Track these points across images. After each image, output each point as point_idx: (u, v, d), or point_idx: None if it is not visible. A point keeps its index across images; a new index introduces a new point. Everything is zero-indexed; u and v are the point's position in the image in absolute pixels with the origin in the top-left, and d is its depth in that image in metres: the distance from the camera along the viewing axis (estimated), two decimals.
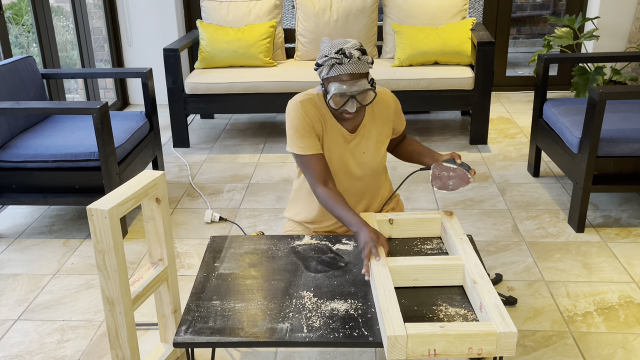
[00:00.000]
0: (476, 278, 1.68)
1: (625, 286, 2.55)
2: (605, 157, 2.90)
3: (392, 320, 1.50)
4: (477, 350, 1.48)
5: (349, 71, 1.88)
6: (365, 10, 4.29)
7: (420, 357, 1.48)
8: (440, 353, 1.48)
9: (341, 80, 1.89)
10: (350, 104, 1.90)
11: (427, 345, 1.47)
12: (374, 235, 1.81)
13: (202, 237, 3.05)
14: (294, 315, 1.64)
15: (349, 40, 1.92)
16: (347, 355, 2.17)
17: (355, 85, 1.88)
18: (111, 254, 1.73)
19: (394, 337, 1.45)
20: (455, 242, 1.86)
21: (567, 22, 4.63)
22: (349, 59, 1.87)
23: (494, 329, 1.48)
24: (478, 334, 1.47)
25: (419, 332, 1.46)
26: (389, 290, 1.62)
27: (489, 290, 1.63)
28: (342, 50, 1.88)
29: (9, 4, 4.45)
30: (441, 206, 3.29)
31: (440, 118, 4.81)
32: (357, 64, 1.88)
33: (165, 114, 5.02)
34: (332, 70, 1.90)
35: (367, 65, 1.91)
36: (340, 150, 2.07)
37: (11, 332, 2.37)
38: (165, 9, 5.04)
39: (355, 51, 1.88)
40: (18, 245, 3.03)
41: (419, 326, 1.48)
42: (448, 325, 1.48)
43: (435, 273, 1.75)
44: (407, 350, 1.47)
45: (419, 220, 2.02)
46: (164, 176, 1.97)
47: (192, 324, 1.63)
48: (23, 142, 3.03)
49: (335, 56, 1.88)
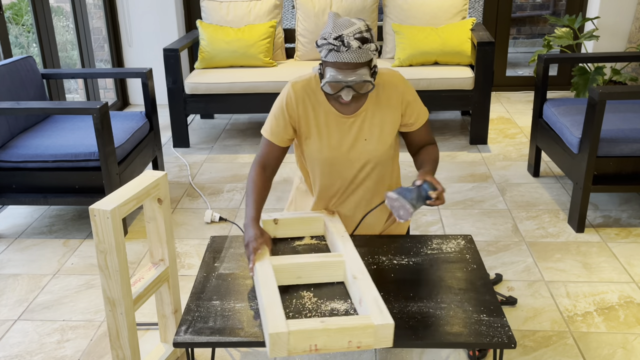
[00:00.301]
0: (356, 273, 1.70)
1: (625, 286, 2.55)
2: (605, 157, 2.90)
3: (274, 318, 1.51)
4: (357, 343, 1.50)
5: (347, 60, 1.75)
6: (365, 10, 4.29)
7: (302, 353, 1.49)
8: (322, 348, 1.50)
9: (338, 68, 1.77)
10: (346, 93, 1.80)
11: (309, 340, 1.49)
12: (257, 234, 1.81)
13: (202, 237, 3.05)
14: (294, 315, 1.64)
15: (353, 23, 1.78)
16: (347, 355, 2.17)
17: (352, 74, 1.77)
18: (113, 254, 1.73)
19: (275, 335, 1.47)
20: (337, 240, 1.87)
21: (567, 22, 4.63)
22: (347, 48, 1.74)
23: (372, 321, 1.50)
24: (357, 327, 1.49)
25: (300, 328, 1.47)
26: (272, 288, 1.64)
27: (368, 284, 1.65)
28: (341, 38, 1.75)
29: (9, 4, 4.44)
30: (441, 206, 3.29)
31: (440, 118, 4.81)
32: (357, 53, 1.75)
33: (165, 114, 5.02)
34: (330, 56, 1.78)
35: (369, 53, 1.78)
36: (338, 136, 1.96)
37: (11, 332, 2.37)
38: (165, 9, 5.04)
39: (354, 41, 1.74)
40: (18, 245, 3.03)
41: (300, 322, 1.50)
42: (328, 320, 1.50)
43: (318, 270, 1.76)
44: (288, 347, 1.48)
45: (303, 219, 2.03)
46: (166, 177, 1.97)
47: (192, 324, 1.63)
48: (23, 142, 3.03)
49: (334, 42, 1.75)
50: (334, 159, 1.99)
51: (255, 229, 1.84)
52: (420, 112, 2.00)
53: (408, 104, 1.97)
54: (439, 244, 1.99)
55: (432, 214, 3.21)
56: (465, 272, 1.83)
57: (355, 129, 1.96)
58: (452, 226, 3.08)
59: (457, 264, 1.88)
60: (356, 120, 1.95)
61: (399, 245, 1.99)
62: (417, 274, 1.83)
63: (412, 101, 1.97)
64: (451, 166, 3.84)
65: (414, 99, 1.98)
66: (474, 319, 1.62)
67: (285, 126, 1.96)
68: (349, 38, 1.75)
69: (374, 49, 1.79)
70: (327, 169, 2.02)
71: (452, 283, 1.78)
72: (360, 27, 1.78)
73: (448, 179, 3.65)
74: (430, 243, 2.00)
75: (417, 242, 2.01)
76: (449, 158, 3.97)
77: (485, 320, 1.61)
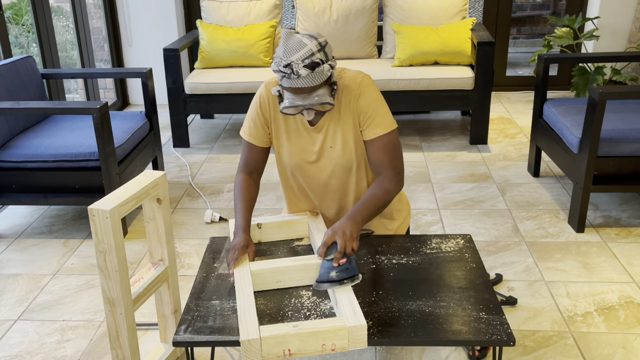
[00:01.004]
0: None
1: (625, 286, 2.55)
2: (605, 157, 2.90)
3: (247, 324, 1.52)
4: (331, 346, 1.51)
5: (298, 85, 1.72)
6: (365, 10, 4.29)
7: (276, 358, 1.50)
8: (295, 352, 1.50)
9: (294, 93, 1.74)
10: (307, 113, 1.78)
11: (282, 346, 1.49)
12: (242, 244, 1.80)
13: (202, 237, 3.05)
14: (293, 315, 1.64)
15: (304, 45, 1.70)
16: (347, 355, 2.17)
17: (309, 97, 1.73)
18: (112, 254, 1.73)
19: (247, 342, 1.47)
20: (318, 242, 1.86)
21: (567, 22, 4.63)
22: (297, 76, 1.69)
23: (345, 323, 1.50)
24: (330, 330, 1.49)
25: (272, 334, 1.48)
26: (248, 294, 1.64)
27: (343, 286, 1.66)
28: (290, 66, 1.69)
29: (9, 4, 4.45)
30: (441, 206, 3.29)
31: (440, 118, 4.81)
32: (309, 79, 1.70)
33: (165, 114, 5.03)
34: (284, 81, 1.73)
35: (323, 74, 1.72)
36: (303, 142, 1.94)
37: (11, 332, 2.37)
38: (165, 9, 5.04)
39: (303, 69, 1.68)
40: (18, 245, 3.03)
41: (273, 328, 1.50)
42: (301, 324, 1.51)
43: (297, 273, 1.76)
44: (262, 353, 1.49)
45: (286, 223, 2.02)
46: (165, 176, 1.97)
47: (191, 323, 1.63)
48: (23, 142, 3.03)
49: (284, 70, 1.70)
50: (303, 164, 1.98)
51: (242, 238, 1.84)
52: (377, 122, 1.84)
53: (361, 109, 1.85)
54: (438, 244, 1.99)
55: (432, 214, 3.21)
56: (465, 271, 1.83)
57: (320, 136, 1.92)
58: (452, 226, 3.08)
59: (457, 263, 1.88)
60: (321, 130, 1.91)
61: (398, 244, 1.99)
62: (416, 273, 1.83)
63: (366, 108, 1.84)
64: (451, 166, 3.84)
65: (370, 105, 1.84)
66: (473, 317, 1.62)
67: (262, 126, 1.96)
68: (298, 67, 1.69)
69: (328, 68, 1.73)
70: (297, 173, 2.01)
71: (452, 282, 1.78)
72: (311, 48, 1.70)
73: (448, 179, 3.65)
74: (430, 242, 2.00)
75: (416, 241, 2.01)
76: (449, 158, 3.97)
77: (485, 318, 1.61)
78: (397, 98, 4.05)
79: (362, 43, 4.37)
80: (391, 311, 1.66)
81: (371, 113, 1.84)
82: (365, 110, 1.84)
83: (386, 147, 1.85)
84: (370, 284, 1.79)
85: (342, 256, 1.68)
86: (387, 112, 1.86)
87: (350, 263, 1.68)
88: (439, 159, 3.96)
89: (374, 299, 1.71)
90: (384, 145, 1.85)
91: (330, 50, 1.77)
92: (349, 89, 1.86)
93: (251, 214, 1.94)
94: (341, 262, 1.67)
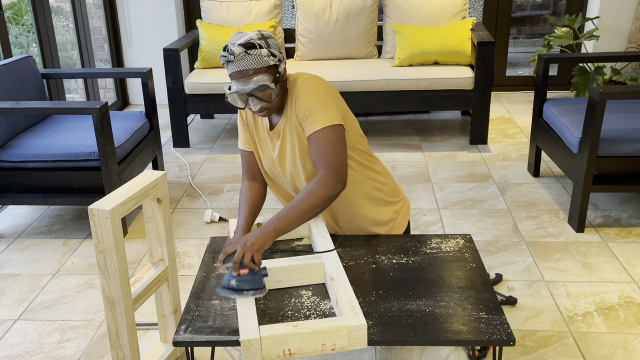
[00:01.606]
0: (333, 275, 1.70)
1: (625, 286, 2.55)
2: (605, 157, 2.90)
3: (247, 324, 1.52)
4: (331, 345, 1.50)
5: (239, 68, 1.72)
6: (365, 10, 4.29)
7: (276, 358, 1.50)
8: (295, 352, 1.50)
9: (236, 79, 1.74)
10: (253, 103, 1.76)
11: (282, 345, 1.49)
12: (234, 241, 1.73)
13: (202, 237, 3.05)
14: (293, 314, 1.64)
15: (246, 34, 1.75)
16: (347, 355, 2.17)
17: (249, 82, 1.72)
18: (112, 254, 1.73)
19: (247, 342, 1.47)
20: (318, 241, 1.87)
21: (567, 22, 4.63)
22: (233, 55, 1.71)
23: (345, 323, 1.50)
24: (330, 329, 1.49)
25: (272, 334, 1.48)
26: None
27: (344, 285, 1.65)
28: (227, 48, 1.73)
29: (9, 4, 4.45)
30: (441, 206, 3.29)
31: (440, 118, 4.81)
32: (245, 60, 1.71)
33: (165, 114, 5.03)
34: (228, 68, 1.75)
35: (261, 59, 1.71)
36: (269, 150, 1.95)
37: (11, 332, 2.37)
38: (165, 9, 5.04)
39: (237, 47, 1.70)
40: (18, 245, 3.03)
41: (273, 327, 1.50)
42: (301, 324, 1.51)
43: (297, 273, 1.76)
44: (262, 353, 1.49)
45: None
46: (165, 176, 1.97)
47: (191, 323, 1.63)
48: (23, 142, 3.03)
49: (223, 54, 1.74)
50: (274, 172, 1.99)
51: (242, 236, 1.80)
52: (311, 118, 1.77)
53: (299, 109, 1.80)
54: (438, 244, 1.99)
55: (432, 214, 3.21)
56: (465, 271, 1.83)
57: (279, 144, 1.90)
58: (452, 226, 3.08)
59: (456, 262, 1.88)
60: (278, 134, 1.90)
61: (398, 244, 2.00)
62: (416, 272, 1.83)
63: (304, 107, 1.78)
64: (451, 166, 3.84)
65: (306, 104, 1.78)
66: (473, 316, 1.62)
67: (246, 132, 1.98)
68: (233, 46, 1.71)
69: (267, 54, 1.73)
70: (272, 180, 2.05)
71: (452, 281, 1.78)
72: (251, 36, 1.73)
73: (448, 179, 3.65)
74: (430, 242, 2.00)
75: (416, 241, 2.01)
76: (449, 158, 3.97)
77: (485, 318, 1.61)
78: (397, 98, 4.05)
79: (362, 43, 4.38)
80: (391, 311, 1.66)
81: (308, 111, 1.79)
82: (302, 109, 1.79)
83: (319, 144, 1.76)
84: (370, 283, 1.79)
85: (239, 267, 1.60)
86: (326, 109, 1.77)
87: (253, 275, 1.61)
88: (439, 159, 3.97)
89: (374, 299, 1.71)
90: (317, 141, 1.76)
91: (277, 46, 1.77)
92: (290, 91, 1.84)
93: (254, 215, 1.92)
94: (241, 273, 1.60)
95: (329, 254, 1.80)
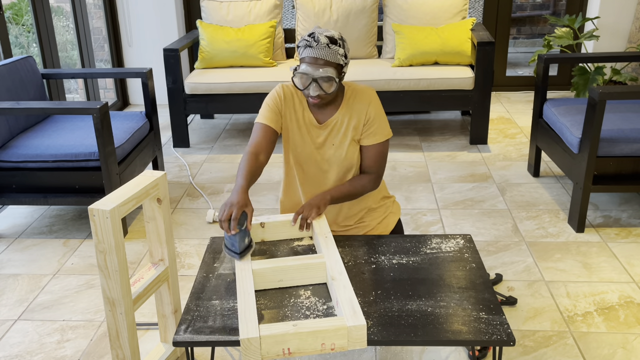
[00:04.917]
0: (335, 274, 1.71)
1: (625, 286, 2.55)
2: (605, 157, 2.90)
3: (247, 323, 1.52)
4: (330, 345, 1.51)
5: (314, 55, 1.94)
6: (365, 10, 4.29)
7: (275, 357, 1.50)
8: (295, 351, 1.50)
9: (308, 63, 1.95)
10: (313, 88, 1.95)
11: (281, 345, 1.49)
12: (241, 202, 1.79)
13: (202, 237, 3.05)
14: (293, 314, 1.64)
15: (329, 30, 1.99)
16: (347, 355, 2.17)
17: (319, 69, 1.93)
18: (112, 254, 1.73)
19: (247, 340, 1.47)
20: (320, 241, 1.88)
21: (567, 22, 4.63)
22: (316, 42, 1.94)
23: (344, 323, 1.51)
24: (329, 329, 1.50)
25: (272, 333, 1.48)
26: (249, 293, 1.64)
27: (344, 285, 1.66)
28: (313, 34, 1.95)
29: (9, 4, 4.45)
30: (441, 206, 3.29)
31: (440, 118, 4.81)
32: (324, 50, 1.94)
33: (165, 114, 5.03)
34: (303, 52, 1.97)
35: (336, 55, 1.95)
36: (308, 139, 2.10)
37: (11, 332, 2.38)
38: (165, 9, 5.04)
39: (323, 37, 1.94)
40: (18, 245, 3.03)
41: (272, 327, 1.50)
42: (301, 323, 1.51)
43: (299, 272, 1.76)
44: (261, 352, 1.49)
45: (289, 222, 2.02)
46: (165, 176, 1.97)
47: (191, 323, 1.63)
48: (23, 142, 3.04)
49: (307, 39, 1.96)
50: (306, 158, 2.12)
51: (241, 197, 1.81)
52: (375, 132, 2.08)
53: (369, 117, 2.07)
54: (438, 244, 1.99)
55: (432, 214, 3.21)
56: (465, 271, 1.83)
57: (324, 135, 2.09)
58: (452, 226, 3.08)
59: (457, 263, 1.88)
60: (327, 128, 2.09)
61: (398, 244, 2.00)
62: (416, 273, 1.83)
63: (373, 117, 2.07)
64: (451, 166, 3.84)
65: (377, 117, 2.07)
66: (473, 317, 1.62)
67: (276, 112, 2.08)
68: (320, 35, 1.95)
69: (342, 54, 1.97)
70: (300, 168, 2.14)
71: (452, 282, 1.78)
72: (334, 34, 1.97)
73: (448, 179, 3.65)
74: (430, 242, 2.00)
75: (416, 241, 2.01)
76: (449, 158, 3.98)
77: (485, 318, 1.61)
78: (397, 98, 4.05)
79: (362, 43, 4.38)
80: (391, 311, 1.66)
81: (375, 122, 2.07)
82: (372, 118, 2.06)
83: (377, 154, 2.10)
84: (370, 283, 1.79)
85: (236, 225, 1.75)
86: (386, 123, 2.11)
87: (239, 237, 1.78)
88: (439, 159, 3.97)
89: (373, 299, 1.71)
90: (376, 152, 2.10)
91: (349, 50, 2.02)
92: (362, 95, 2.07)
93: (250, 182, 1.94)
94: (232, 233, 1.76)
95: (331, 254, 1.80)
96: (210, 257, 1.95)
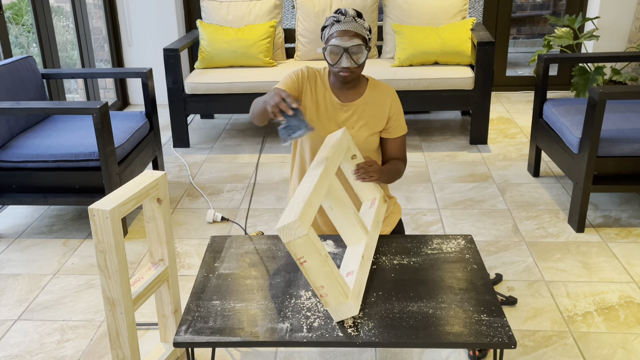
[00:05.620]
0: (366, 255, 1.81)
1: (625, 286, 2.55)
2: (605, 157, 2.90)
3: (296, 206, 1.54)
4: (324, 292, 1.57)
5: (344, 28, 2.04)
6: (365, 10, 4.29)
7: (293, 256, 1.53)
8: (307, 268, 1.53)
9: (338, 36, 2.05)
10: (345, 60, 2.03)
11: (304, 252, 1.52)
12: (275, 91, 1.83)
13: (202, 237, 3.05)
14: (294, 315, 1.64)
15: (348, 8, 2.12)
16: (347, 355, 2.17)
17: (349, 41, 2.02)
18: (112, 254, 1.73)
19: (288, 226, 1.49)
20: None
21: (567, 22, 4.63)
22: (344, 16, 2.06)
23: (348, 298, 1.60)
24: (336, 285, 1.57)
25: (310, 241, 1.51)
26: (310, 188, 1.63)
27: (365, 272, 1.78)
28: (340, 10, 2.08)
29: (9, 4, 4.44)
30: (441, 206, 3.29)
31: (440, 118, 4.81)
32: (352, 23, 2.05)
33: (165, 114, 5.03)
34: (332, 29, 2.07)
35: (362, 28, 2.07)
36: (329, 117, 2.17)
37: (11, 332, 2.37)
38: (165, 9, 5.04)
39: (351, 10, 2.08)
40: (18, 245, 3.03)
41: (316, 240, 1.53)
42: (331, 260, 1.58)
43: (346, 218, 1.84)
44: (295, 240, 1.49)
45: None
46: (165, 176, 1.97)
47: (192, 323, 1.63)
48: (23, 142, 3.03)
49: (334, 15, 2.08)
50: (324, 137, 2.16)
51: (286, 89, 2.02)
52: (400, 125, 2.23)
53: (393, 113, 2.20)
54: (439, 244, 1.99)
55: (432, 214, 3.21)
56: (466, 272, 1.83)
57: (346, 115, 2.17)
58: (452, 226, 3.08)
59: (458, 264, 1.88)
60: (349, 109, 2.17)
61: (399, 245, 2.00)
62: (417, 273, 1.83)
63: (396, 113, 2.21)
64: (451, 166, 3.84)
65: (399, 113, 2.22)
66: (474, 319, 1.62)
67: (296, 86, 2.15)
68: (347, 9, 2.08)
69: (367, 27, 2.09)
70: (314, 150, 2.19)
71: (453, 283, 1.78)
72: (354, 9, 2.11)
73: (448, 179, 3.65)
74: (431, 243, 2.00)
75: (417, 242, 2.01)
76: (449, 158, 3.98)
77: (486, 320, 1.61)
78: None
79: None
80: (392, 312, 1.66)
81: (398, 118, 2.22)
82: (396, 114, 2.21)
83: (402, 144, 2.27)
84: (372, 284, 1.79)
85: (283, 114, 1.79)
86: (404, 118, 2.27)
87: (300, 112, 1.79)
88: (439, 159, 3.97)
89: (374, 300, 1.71)
90: (401, 142, 2.26)
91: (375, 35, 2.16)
92: (384, 89, 2.20)
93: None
94: (295, 106, 1.78)
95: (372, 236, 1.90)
96: (210, 257, 1.95)
